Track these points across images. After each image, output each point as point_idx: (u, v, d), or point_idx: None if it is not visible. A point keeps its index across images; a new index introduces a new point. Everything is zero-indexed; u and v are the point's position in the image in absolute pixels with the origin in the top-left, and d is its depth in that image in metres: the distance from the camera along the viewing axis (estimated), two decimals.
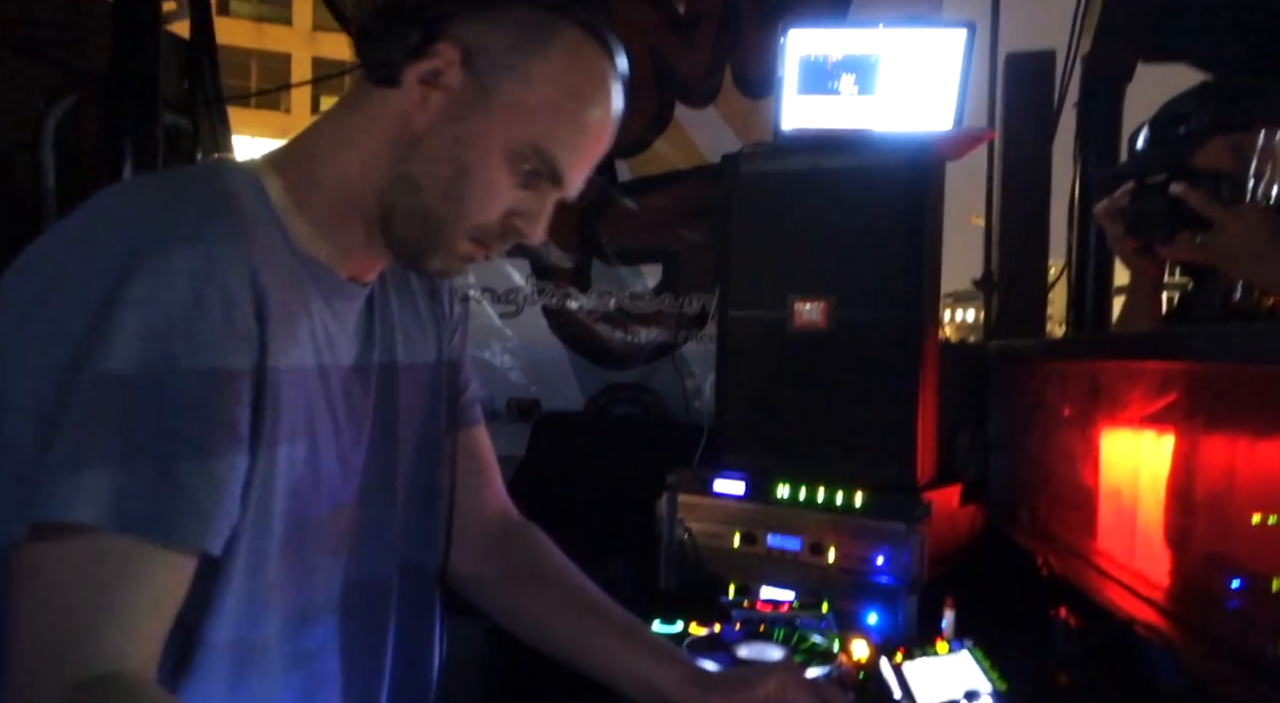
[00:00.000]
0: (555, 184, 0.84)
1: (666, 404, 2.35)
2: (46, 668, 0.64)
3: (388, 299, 0.95)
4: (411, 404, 0.97)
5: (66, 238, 0.72)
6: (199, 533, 0.68)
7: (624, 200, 2.39)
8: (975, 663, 1.09)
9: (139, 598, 0.66)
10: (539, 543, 1.08)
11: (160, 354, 0.67)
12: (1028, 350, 1.72)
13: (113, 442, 0.65)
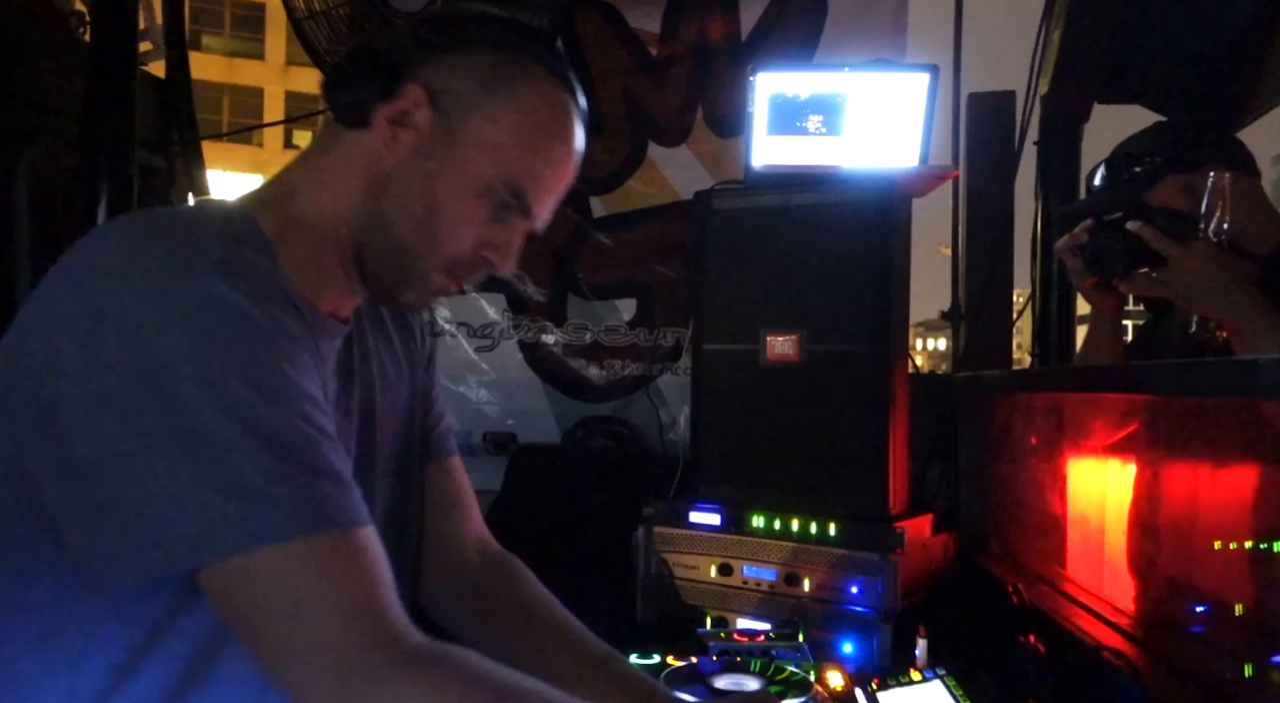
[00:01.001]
0: (524, 216, 0.87)
1: (642, 436, 2.37)
2: (361, 647, 0.67)
3: (365, 336, 0.96)
4: (389, 440, 0.98)
5: (103, 285, 0.70)
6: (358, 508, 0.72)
7: (599, 236, 2.42)
8: (947, 691, 1.11)
9: (378, 577, 0.70)
10: (519, 575, 1.08)
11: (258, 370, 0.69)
12: (994, 381, 1.76)
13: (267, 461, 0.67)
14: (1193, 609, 1.00)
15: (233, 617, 0.69)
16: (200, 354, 0.68)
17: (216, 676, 0.75)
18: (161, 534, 0.66)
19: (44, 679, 0.72)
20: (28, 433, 0.70)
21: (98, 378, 0.67)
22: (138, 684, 0.73)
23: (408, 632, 0.71)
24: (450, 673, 0.70)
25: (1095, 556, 1.30)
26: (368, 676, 0.67)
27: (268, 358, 0.71)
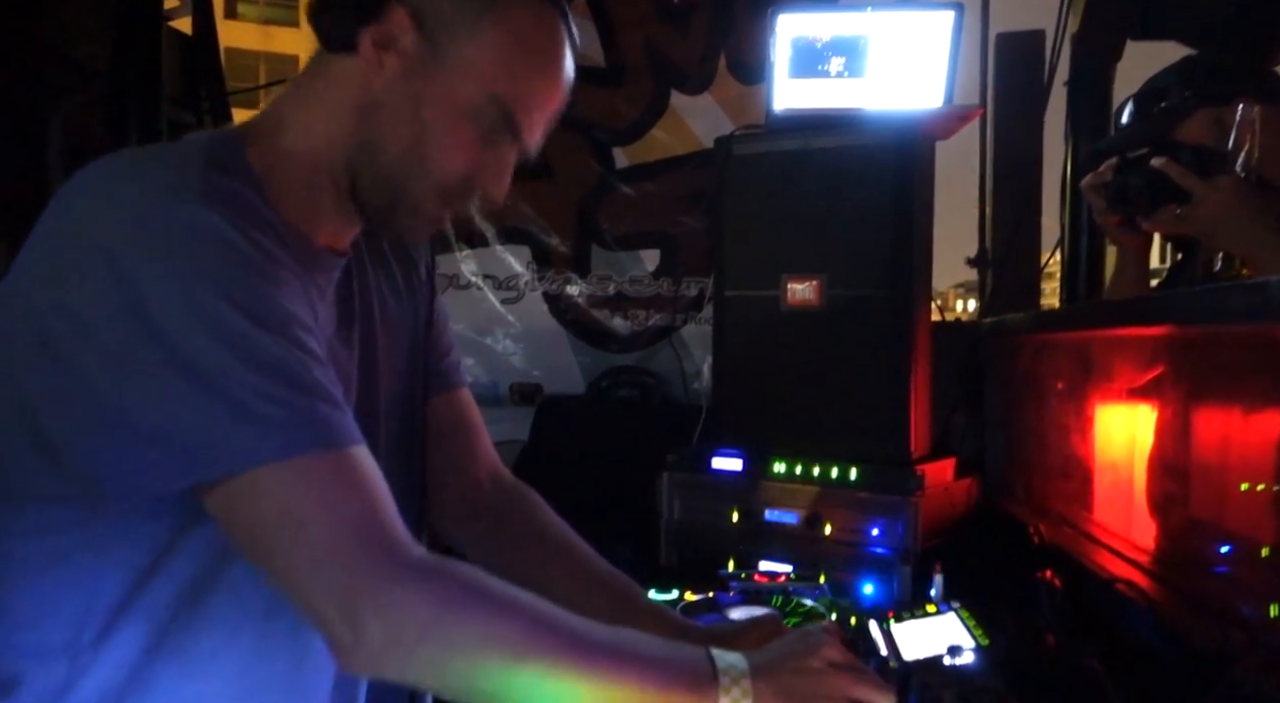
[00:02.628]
0: (514, 138, 0.86)
1: (666, 386, 2.38)
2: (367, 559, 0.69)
3: (365, 270, 0.96)
4: (391, 373, 0.98)
5: (91, 213, 0.72)
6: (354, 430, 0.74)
7: (622, 187, 2.42)
8: (961, 623, 1.12)
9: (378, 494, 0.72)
10: (531, 501, 1.10)
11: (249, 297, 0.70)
12: (1018, 324, 1.75)
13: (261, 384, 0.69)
14: (1219, 550, 0.99)
15: (239, 536, 0.71)
16: (187, 281, 0.69)
17: (223, 588, 0.78)
18: (160, 455, 0.68)
19: (59, 597, 0.75)
20: (27, 366, 0.72)
21: (89, 308, 0.69)
22: (148, 599, 0.76)
23: (410, 546, 0.73)
24: (452, 583, 0.72)
25: (1123, 498, 1.29)
26: (375, 586, 0.69)
27: (253, 283, 0.72)
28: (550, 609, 0.75)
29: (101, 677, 0.75)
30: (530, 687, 0.72)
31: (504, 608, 0.73)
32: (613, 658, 0.75)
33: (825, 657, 0.80)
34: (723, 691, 0.75)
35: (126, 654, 0.75)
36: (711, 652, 0.78)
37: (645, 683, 0.75)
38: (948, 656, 1.03)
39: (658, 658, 0.77)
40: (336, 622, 0.68)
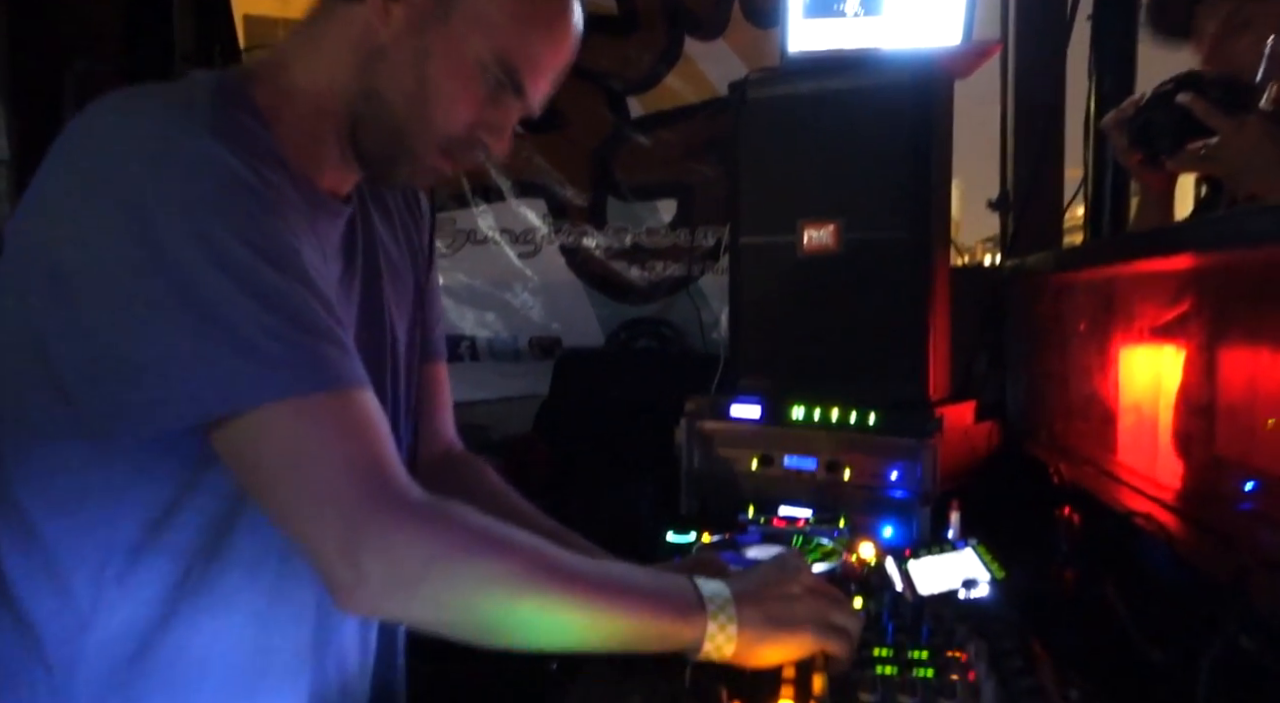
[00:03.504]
0: (518, 96, 0.85)
1: (685, 337, 2.38)
2: (367, 498, 0.70)
3: (370, 223, 0.96)
4: (395, 328, 0.99)
5: (102, 151, 0.72)
6: (358, 370, 0.75)
7: (637, 137, 2.39)
8: (977, 558, 1.12)
9: (381, 436, 0.73)
10: (482, 471, 1.11)
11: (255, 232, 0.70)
12: (1040, 264, 1.72)
13: (268, 321, 0.69)
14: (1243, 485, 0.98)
15: (244, 475, 0.72)
16: (196, 215, 0.69)
17: (242, 527, 0.79)
18: (166, 392, 0.69)
19: (80, 535, 0.77)
20: (37, 302, 0.73)
21: (98, 241, 0.69)
22: (169, 538, 0.77)
23: (411, 488, 0.74)
24: (451, 524, 0.73)
25: (1147, 436, 1.28)
26: (375, 527, 0.69)
27: (261, 218, 0.72)
28: (546, 547, 0.76)
29: (123, 614, 0.77)
30: (528, 622, 0.74)
31: (502, 547, 0.74)
32: (606, 591, 0.76)
33: (803, 583, 0.84)
34: (710, 617, 0.78)
35: (148, 592, 0.77)
36: (696, 581, 0.81)
37: (638, 614, 0.77)
38: (962, 589, 1.03)
39: (648, 589, 0.79)
40: (337, 562, 0.69)
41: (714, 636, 0.78)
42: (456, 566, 0.72)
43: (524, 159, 2.46)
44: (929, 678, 0.81)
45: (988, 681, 0.79)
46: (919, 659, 0.86)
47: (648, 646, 0.78)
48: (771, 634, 0.80)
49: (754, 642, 0.79)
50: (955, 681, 0.79)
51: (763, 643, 0.80)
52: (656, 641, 0.78)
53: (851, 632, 0.83)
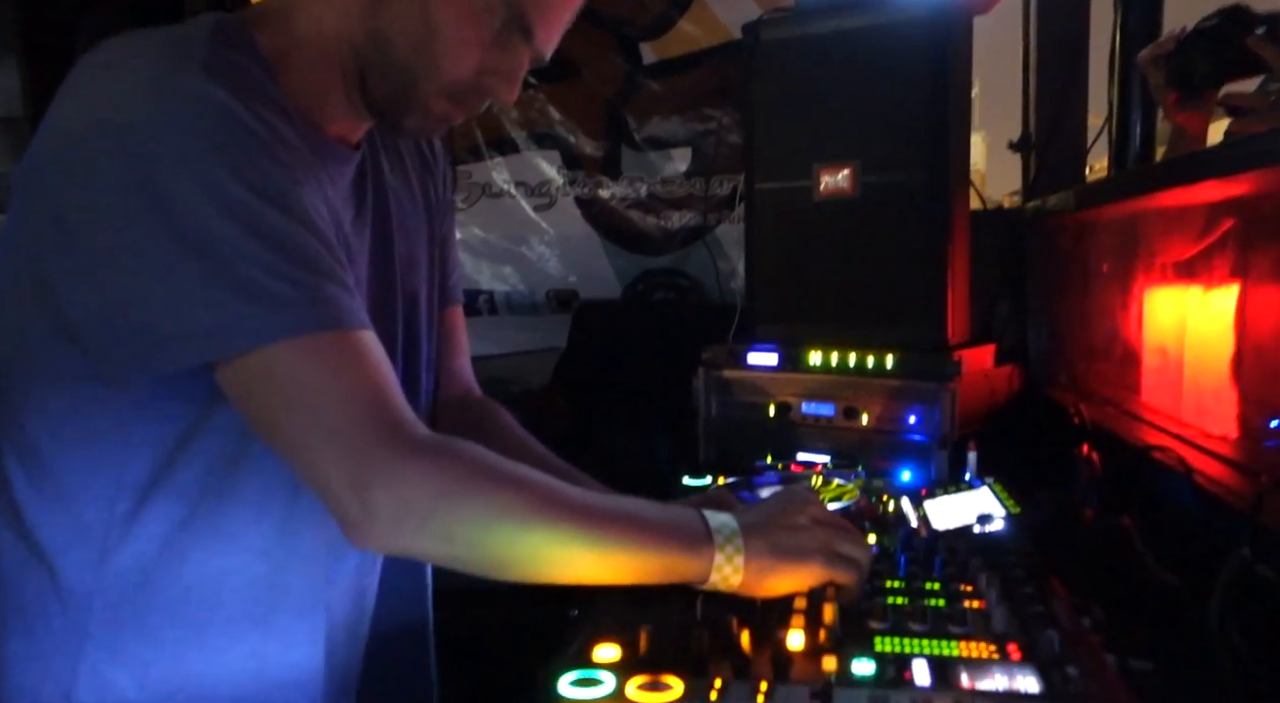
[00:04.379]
0: (526, 41, 0.84)
1: (702, 287, 2.37)
2: (374, 435, 0.70)
3: (380, 172, 0.96)
4: (408, 274, 0.98)
5: (104, 97, 0.72)
6: (361, 312, 0.75)
7: (650, 84, 2.36)
8: (993, 495, 1.12)
9: (385, 376, 0.73)
10: (499, 414, 1.11)
11: (256, 176, 0.70)
12: (1062, 204, 1.68)
13: (270, 261, 0.69)
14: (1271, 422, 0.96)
15: (251, 414, 0.73)
16: (194, 155, 0.69)
17: (250, 466, 0.80)
18: (172, 333, 0.69)
19: (90, 474, 0.78)
20: (44, 246, 0.73)
21: (100, 184, 0.69)
22: (177, 476, 0.78)
23: (417, 424, 0.74)
24: (459, 459, 0.74)
25: (1172, 377, 1.26)
26: (382, 463, 0.70)
27: (260, 159, 0.71)
28: (553, 482, 0.77)
29: (135, 549, 0.78)
30: (535, 554, 0.75)
31: (510, 481, 0.75)
32: (614, 524, 0.77)
33: (811, 514, 0.85)
34: (717, 549, 0.79)
35: (158, 529, 0.78)
36: (704, 513, 0.82)
37: (646, 546, 0.78)
38: (977, 525, 1.03)
39: (656, 522, 0.80)
40: (346, 498, 0.70)
41: (721, 566, 0.78)
42: (463, 500, 0.72)
43: (537, 110, 2.43)
44: (940, 607, 0.82)
45: (999, 607, 0.79)
46: (931, 590, 0.86)
47: (656, 577, 0.79)
48: (779, 565, 0.80)
49: (761, 572, 0.80)
50: (966, 608, 0.79)
51: (770, 574, 0.80)
52: (664, 572, 0.79)
53: (860, 562, 0.83)
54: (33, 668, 0.79)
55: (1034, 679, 0.69)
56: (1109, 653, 0.72)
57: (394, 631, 0.99)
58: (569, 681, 0.72)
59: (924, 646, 0.76)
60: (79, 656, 0.78)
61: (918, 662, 0.72)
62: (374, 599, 0.96)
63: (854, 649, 0.75)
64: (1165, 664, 0.70)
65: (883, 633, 0.78)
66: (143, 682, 0.79)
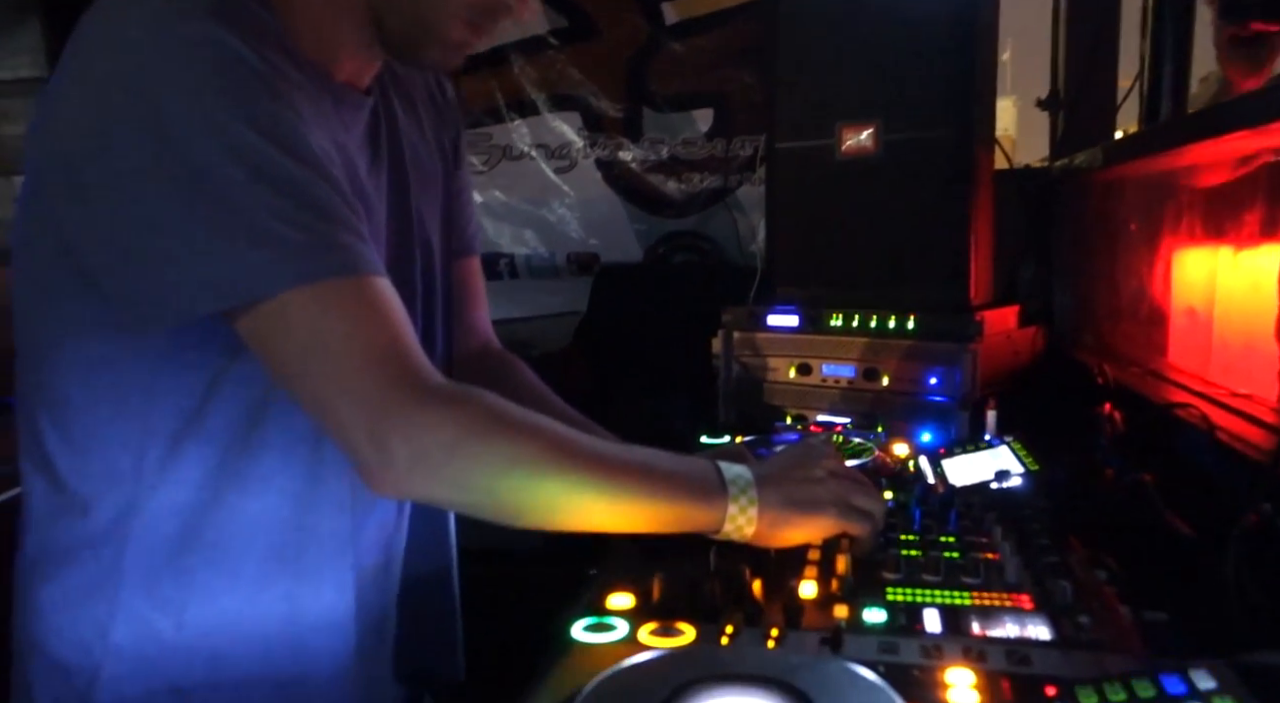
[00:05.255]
0: None
1: (723, 250, 2.35)
2: (390, 383, 0.70)
3: (394, 117, 0.95)
4: (425, 222, 0.98)
5: (106, 37, 0.72)
6: (375, 260, 0.74)
7: (671, 44, 2.33)
8: (1012, 453, 1.11)
9: (401, 322, 0.74)
10: (517, 366, 1.11)
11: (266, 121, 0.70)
12: (1091, 161, 1.65)
13: (282, 207, 0.69)
14: None
15: (268, 362, 0.73)
16: (204, 101, 0.68)
17: (275, 413, 0.80)
18: (183, 281, 0.69)
19: (120, 425, 0.79)
20: (60, 200, 0.73)
21: (110, 135, 0.69)
22: (205, 425, 0.79)
23: (433, 373, 0.74)
24: (474, 407, 0.74)
25: (1201, 337, 1.24)
26: (401, 409, 0.70)
27: (271, 105, 0.71)
28: (568, 431, 0.77)
29: (168, 495, 0.79)
30: (549, 502, 0.75)
31: (524, 429, 0.75)
32: (628, 473, 0.77)
33: (826, 466, 0.84)
34: (730, 499, 0.79)
35: (189, 475, 0.79)
36: (719, 464, 0.81)
37: (659, 495, 0.78)
38: (995, 481, 1.02)
39: (670, 472, 0.79)
40: (364, 444, 0.70)
41: (734, 517, 0.79)
42: (478, 447, 0.73)
43: (557, 71, 2.41)
44: (954, 559, 0.82)
45: (1012, 559, 0.78)
46: (945, 543, 0.86)
47: (670, 526, 0.79)
48: (792, 516, 0.80)
49: (775, 523, 0.80)
50: (979, 560, 0.79)
51: (784, 524, 0.80)
52: (677, 521, 0.79)
53: (875, 515, 0.83)
54: (68, 612, 0.81)
55: (1045, 628, 0.69)
56: (1123, 605, 0.72)
57: (421, 579, 1.00)
58: (582, 626, 0.73)
59: (936, 596, 0.76)
60: (116, 598, 0.80)
61: (929, 611, 0.73)
62: (404, 546, 0.97)
63: (866, 599, 0.75)
64: (1180, 616, 0.70)
65: (895, 584, 0.78)
66: (179, 622, 0.80)
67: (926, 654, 0.66)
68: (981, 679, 0.61)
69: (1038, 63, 2.11)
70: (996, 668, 0.63)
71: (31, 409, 0.82)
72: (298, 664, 0.84)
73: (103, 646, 0.79)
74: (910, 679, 0.61)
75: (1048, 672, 0.62)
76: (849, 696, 0.55)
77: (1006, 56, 8.67)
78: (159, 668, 0.80)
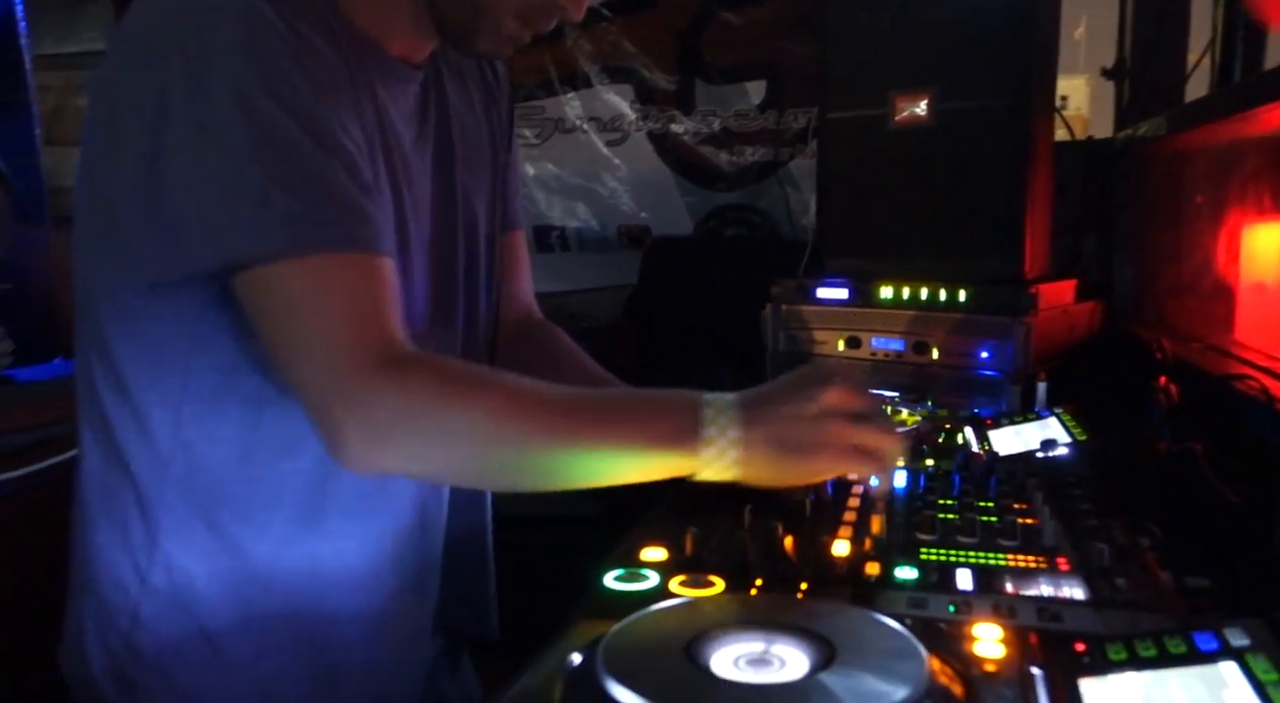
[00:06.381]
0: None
1: (774, 224, 2.33)
2: (349, 355, 0.71)
3: (444, 93, 0.96)
4: (470, 196, 0.99)
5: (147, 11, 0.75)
6: (377, 238, 0.75)
7: (725, 15, 2.31)
8: (1060, 424, 1.09)
9: (389, 300, 0.74)
10: (558, 337, 1.11)
11: (284, 90, 0.72)
12: (1156, 130, 1.60)
13: (287, 176, 0.70)
14: None
15: (255, 321, 0.74)
16: (228, 64, 0.70)
17: None
18: (188, 237, 0.72)
19: (159, 380, 0.82)
20: (101, 157, 0.76)
21: (139, 92, 0.72)
22: (242, 383, 0.81)
23: (402, 348, 0.74)
24: (425, 373, 0.73)
25: (1271, 312, 1.19)
26: (350, 387, 0.71)
27: (301, 82, 0.72)
28: (526, 385, 0.74)
29: (203, 451, 0.83)
30: (511, 464, 0.74)
31: (473, 393, 0.73)
32: (585, 423, 0.74)
33: (823, 402, 0.74)
34: (706, 441, 0.72)
35: (224, 433, 0.82)
36: (703, 397, 0.75)
37: (622, 441, 0.73)
38: (1040, 450, 1.00)
39: (639, 415, 0.75)
40: (324, 420, 0.72)
41: (711, 461, 0.72)
42: (426, 417, 0.72)
43: (610, 43, 2.41)
44: (991, 522, 0.81)
45: (1050, 523, 0.77)
46: (983, 508, 0.85)
47: (642, 473, 0.74)
48: (780, 459, 0.73)
49: (761, 466, 0.73)
50: (1018, 524, 0.78)
51: (771, 468, 0.73)
52: (646, 468, 0.74)
53: (883, 452, 0.74)
54: (116, 555, 0.85)
55: (1080, 589, 0.68)
56: (1164, 570, 0.70)
57: (455, 539, 1.02)
58: (614, 576, 0.74)
59: (971, 557, 0.75)
60: (154, 545, 0.84)
61: (962, 570, 0.72)
62: (445, 506, 0.99)
63: (899, 559, 0.74)
64: (1223, 583, 0.68)
65: (930, 545, 0.78)
66: (211, 571, 0.84)
67: (956, 610, 0.65)
68: (1009, 634, 0.60)
69: (1114, 40, 2.04)
70: (1026, 624, 0.62)
71: (87, 364, 0.86)
72: (321, 617, 0.87)
73: (142, 589, 0.84)
74: (936, 632, 0.61)
75: (1079, 629, 0.61)
76: (872, 643, 0.55)
77: (1080, 33, 8.27)
78: (191, 612, 0.84)
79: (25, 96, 2.06)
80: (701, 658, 0.55)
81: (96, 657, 0.85)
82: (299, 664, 0.87)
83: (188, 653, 0.84)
